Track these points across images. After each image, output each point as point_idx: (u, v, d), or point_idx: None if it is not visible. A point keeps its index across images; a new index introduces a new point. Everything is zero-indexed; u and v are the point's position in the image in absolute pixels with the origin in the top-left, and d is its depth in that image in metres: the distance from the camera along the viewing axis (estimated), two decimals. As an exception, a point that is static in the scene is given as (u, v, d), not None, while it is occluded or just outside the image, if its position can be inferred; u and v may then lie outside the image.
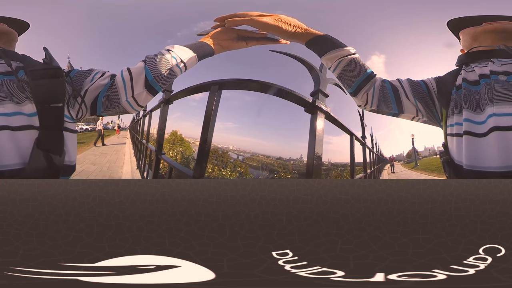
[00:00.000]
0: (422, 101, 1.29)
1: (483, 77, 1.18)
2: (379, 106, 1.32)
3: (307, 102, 2.48)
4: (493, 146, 1.08)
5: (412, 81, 1.34)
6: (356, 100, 1.35)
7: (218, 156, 3.26)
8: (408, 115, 1.33)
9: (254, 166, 3.26)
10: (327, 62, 1.33)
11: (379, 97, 1.31)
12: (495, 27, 1.27)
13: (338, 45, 1.31)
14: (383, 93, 1.32)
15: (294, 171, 2.97)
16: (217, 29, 1.32)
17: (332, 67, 1.32)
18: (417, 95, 1.30)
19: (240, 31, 1.33)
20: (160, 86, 1.22)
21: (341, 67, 1.31)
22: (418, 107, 1.30)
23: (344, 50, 1.30)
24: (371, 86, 1.31)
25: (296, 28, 1.33)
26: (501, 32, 1.26)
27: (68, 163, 1.13)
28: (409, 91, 1.30)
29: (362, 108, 1.37)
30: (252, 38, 1.35)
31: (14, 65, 1.12)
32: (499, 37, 1.26)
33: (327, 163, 2.77)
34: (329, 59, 1.31)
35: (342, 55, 1.30)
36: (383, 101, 1.32)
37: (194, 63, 1.27)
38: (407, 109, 1.31)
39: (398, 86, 1.32)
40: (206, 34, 1.32)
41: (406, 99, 1.30)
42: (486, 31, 1.28)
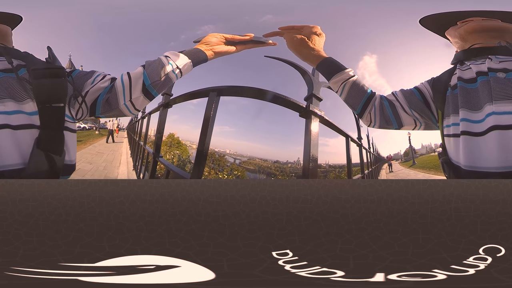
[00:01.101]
0: (418, 110, 1.31)
1: (481, 74, 1.17)
2: (381, 123, 1.38)
3: (301, 107, 2.51)
4: (492, 145, 1.07)
5: (406, 92, 1.36)
6: (363, 120, 1.41)
7: (215, 160, 3.26)
8: (409, 127, 1.37)
9: (251, 169, 3.26)
10: (334, 87, 1.39)
11: (380, 115, 1.36)
12: (473, 27, 1.28)
13: (340, 68, 1.36)
14: (382, 110, 1.36)
15: (291, 174, 2.97)
16: (208, 35, 1.35)
17: (338, 92, 1.38)
18: (412, 105, 1.32)
19: (228, 36, 1.37)
20: (157, 91, 1.24)
21: (346, 92, 1.36)
22: (416, 117, 1.32)
23: (345, 73, 1.35)
24: (372, 105, 1.36)
25: (314, 50, 1.38)
26: (485, 31, 1.27)
27: (68, 163, 1.13)
28: (405, 104, 1.33)
29: (369, 127, 1.42)
30: (240, 43, 1.38)
31: (15, 63, 1.12)
32: (484, 36, 1.27)
33: (324, 165, 2.78)
34: (334, 83, 1.37)
35: (344, 79, 1.35)
36: (383, 119, 1.37)
37: (190, 69, 1.30)
38: (406, 122, 1.35)
39: (394, 100, 1.35)
40: (200, 41, 1.35)
41: (403, 112, 1.34)
42: (467, 31, 1.29)
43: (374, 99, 1.37)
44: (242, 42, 1.39)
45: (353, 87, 1.36)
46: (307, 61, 1.40)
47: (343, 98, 1.38)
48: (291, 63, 2.58)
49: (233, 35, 1.37)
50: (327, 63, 1.37)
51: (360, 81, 1.37)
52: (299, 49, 1.38)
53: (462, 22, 1.32)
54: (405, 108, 1.33)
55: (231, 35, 1.36)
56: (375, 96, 1.37)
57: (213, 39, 1.34)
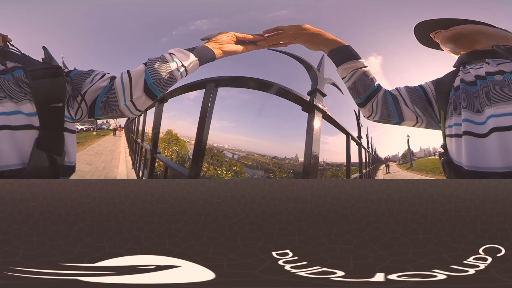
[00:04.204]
0: (420, 106, 1.32)
1: (479, 78, 1.19)
2: (382, 116, 1.38)
3: (305, 101, 2.49)
4: (494, 146, 1.08)
5: (410, 88, 1.37)
6: (364, 110, 1.42)
7: (213, 155, 3.25)
8: (409, 123, 1.38)
9: (250, 165, 3.25)
10: (342, 72, 1.39)
11: (382, 107, 1.37)
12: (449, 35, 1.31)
13: (355, 57, 1.37)
14: (385, 103, 1.38)
15: (289, 170, 2.97)
16: (220, 34, 1.32)
17: (346, 78, 1.39)
18: (415, 101, 1.33)
19: (239, 35, 1.34)
20: (160, 90, 1.20)
21: (354, 78, 1.37)
22: (418, 113, 1.33)
23: (359, 62, 1.37)
24: (376, 97, 1.38)
25: (322, 37, 1.39)
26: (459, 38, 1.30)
27: (68, 164, 1.12)
28: (408, 99, 1.34)
29: (368, 119, 1.43)
30: (251, 43, 1.36)
31: (11, 65, 1.11)
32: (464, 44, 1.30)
33: (322, 163, 2.78)
34: (344, 69, 1.38)
35: (357, 67, 1.37)
36: (385, 111, 1.38)
37: (196, 67, 1.25)
38: (407, 117, 1.35)
39: (397, 95, 1.36)
40: (210, 39, 1.31)
41: (405, 107, 1.34)
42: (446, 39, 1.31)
43: (379, 91, 1.39)
44: (252, 42, 1.37)
45: (363, 76, 1.37)
46: (321, 47, 1.40)
47: (349, 85, 1.40)
48: (296, 56, 2.56)
49: (245, 34, 1.35)
50: (344, 49, 1.39)
51: (370, 73, 1.39)
52: (313, 38, 1.39)
53: (435, 33, 1.36)
54: (408, 103, 1.34)
55: (243, 34, 1.34)
56: (381, 89, 1.40)
57: (223, 37, 1.31)
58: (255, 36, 1.36)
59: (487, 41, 1.24)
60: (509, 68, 1.15)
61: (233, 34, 1.33)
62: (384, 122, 1.41)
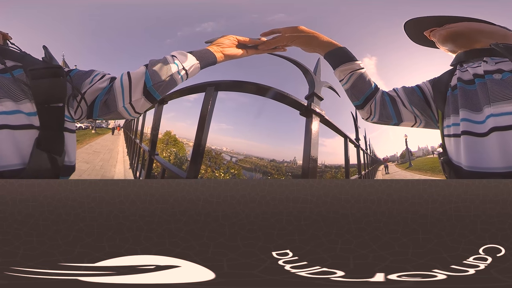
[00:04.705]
0: (418, 107, 1.32)
1: (477, 77, 1.18)
2: (380, 117, 1.38)
3: (302, 105, 2.49)
4: (494, 146, 1.07)
5: (407, 88, 1.37)
6: (362, 112, 1.42)
7: (211, 158, 3.25)
8: (408, 123, 1.38)
9: (248, 168, 3.25)
10: (339, 75, 1.39)
11: (380, 108, 1.37)
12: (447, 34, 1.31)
13: (352, 58, 1.37)
14: (383, 104, 1.37)
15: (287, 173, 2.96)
16: (222, 37, 1.33)
17: (344, 80, 1.38)
18: (413, 102, 1.33)
19: (241, 39, 1.34)
20: (159, 93, 1.19)
21: (352, 81, 1.37)
22: (416, 113, 1.33)
23: (355, 63, 1.36)
24: (374, 98, 1.37)
25: (318, 39, 1.39)
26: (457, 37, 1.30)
27: (68, 163, 1.12)
28: (406, 100, 1.34)
29: (367, 120, 1.43)
30: (252, 47, 1.36)
31: (11, 64, 1.10)
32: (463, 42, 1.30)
33: (320, 165, 2.77)
34: (342, 72, 1.37)
35: (354, 69, 1.36)
36: (384, 112, 1.38)
37: (197, 71, 1.25)
38: (406, 118, 1.35)
39: (395, 96, 1.36)
40: (212, 42, 1.32)
41: (404, 108, 1.34)
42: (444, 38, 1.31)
43: (377, 92, 1.39)
44: (254, 46, 1.37)
45: (361, 78, 1.37)
46: (317, 49, 1.40)
47: (347, 87, 1.39)
48: (293, 60, 2.56)
49: (246, 38, 1.35)
50: (340, 51, 1.38)
51: (367, 74, 1.38)
52: (309, 41, 1.39)
53: (430, 31, 1.37)
54: (406, 103, 1.34)
55: (244, 38, 1.34)
56: (378, 90, 1.39)
57: (226, 41, 1.31)
58: (255, 40, 1.37)
59: (486, 40, 1.24)
60: (508, 67, 1.14)
61: (235, 38, 1.33)
62: (382, 123, 1.41)
